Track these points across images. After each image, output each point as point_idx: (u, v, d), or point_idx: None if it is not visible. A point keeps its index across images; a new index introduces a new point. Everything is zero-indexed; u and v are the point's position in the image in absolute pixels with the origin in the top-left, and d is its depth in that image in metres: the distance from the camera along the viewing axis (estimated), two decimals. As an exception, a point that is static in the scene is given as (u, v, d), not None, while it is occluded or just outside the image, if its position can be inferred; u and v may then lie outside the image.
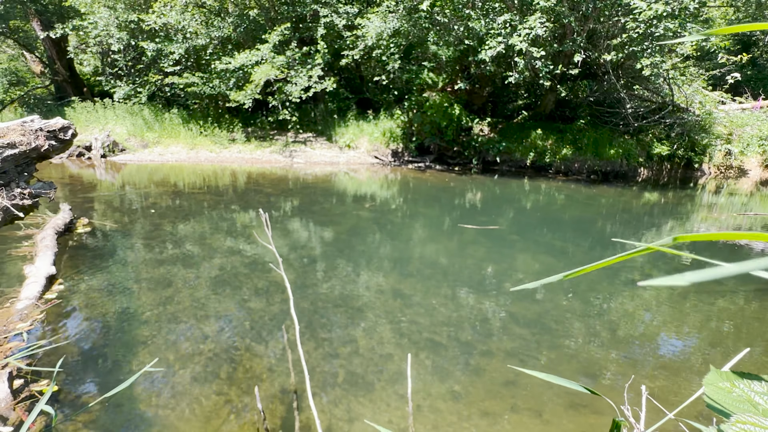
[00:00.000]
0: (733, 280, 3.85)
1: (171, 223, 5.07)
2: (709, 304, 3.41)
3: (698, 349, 2.77)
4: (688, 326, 3.05)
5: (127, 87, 11.46)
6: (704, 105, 10.23)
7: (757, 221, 6.05)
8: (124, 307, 3.06)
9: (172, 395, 2.19)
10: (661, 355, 2.68)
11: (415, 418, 2.11)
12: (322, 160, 10.45)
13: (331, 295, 3.34)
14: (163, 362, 2.45)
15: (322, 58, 10.27)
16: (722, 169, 10.08)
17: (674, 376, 2.45)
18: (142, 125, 10.98)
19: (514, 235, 5.15)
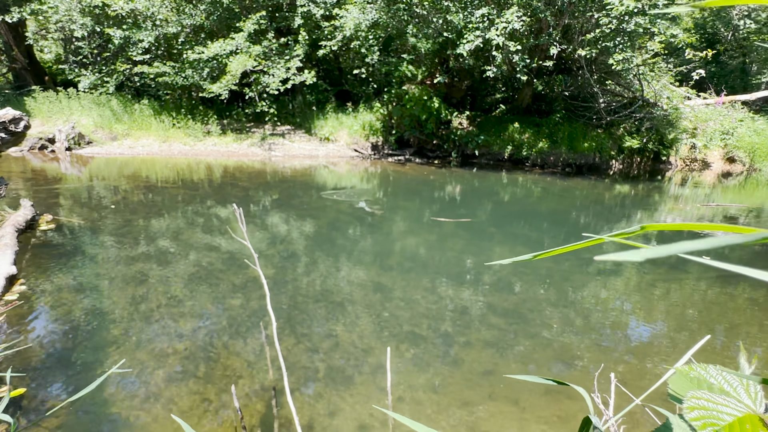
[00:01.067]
0: (696, 269, 4.04)
1: (143, 219, 4.89)
2: (674, 291, 3.57)
3: (664, 335, 2.90)
4: (654, 313, 3.20)
5: (93, 76, 10.91)
6: (671, 100, 10.64)
7: (719, 212, 6.38)
8: (93, 307, 2.94)
9: (146, 396, 2.13)
10: (630, 341, 2.80)
11: (395, 409, 2.13)
12: (300, 153, 10.29)
13: (311, 289, 3.32)
14: (135, 363, 2.37)
15: (301, 48, 10.06)
16: (688, 161, 10.54)
17: (641, 361, 2.56)
18: (110, 116, 10.50)
19: (493, 227, 5.24)
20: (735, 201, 7.14)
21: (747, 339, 2.89)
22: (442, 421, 2.06)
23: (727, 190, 8.44)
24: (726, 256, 4.51)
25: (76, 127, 9.84)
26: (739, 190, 8.50)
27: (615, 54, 7.91)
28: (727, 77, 14.61)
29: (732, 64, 14.78)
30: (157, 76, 10.18)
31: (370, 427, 2.01)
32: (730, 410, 0.38)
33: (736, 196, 7.80)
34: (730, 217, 6.11)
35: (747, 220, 5.99)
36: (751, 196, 7.93)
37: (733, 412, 0.37)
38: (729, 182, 9.21)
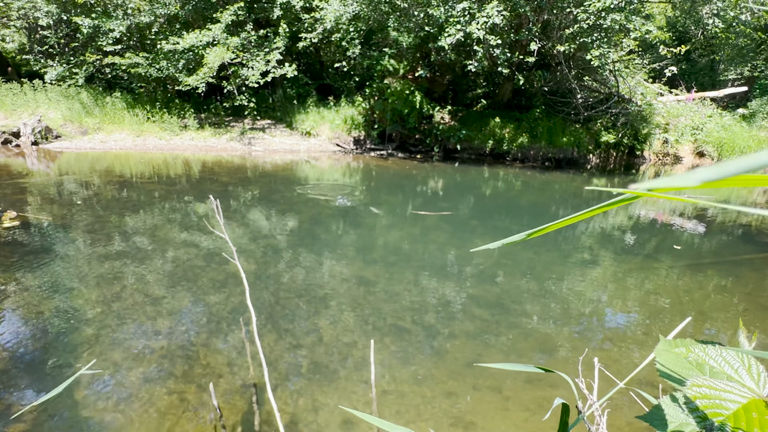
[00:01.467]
0: (668, 258, 4.18)
1: (117, 216, 4.71)
2: (648, 280, 3.69)
3: (640, 322, 2.99)
4: (630, 302, 3.29)
5: (61, 67, 10.40)
6: (645, 96, 10.95)
7: (689, 205, 6.62)
8: (63, 307, 2.81)
9: (120, 398, 2.05)
10: (609, 329, 2.87)
11: (380, 402, 2.12)
12: (281, 147, 10.12)
13: (293, 285, 3.26)
14: (109, 363, 2.28)
15: (281, 41, 9.85)
16: (660, 156, 10.90)
17: (621, 348, 2.63)
18: (80, 110, 10.04)
19: (475, 220, 5.28)
20: (704, 194, 7.43)
21: (718, 322, 3.01)
22: (426, 412, 2.06)
23: (697, 183, 8.76)
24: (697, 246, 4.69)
25: (43, 121, 9.38)
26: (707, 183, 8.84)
27: (592, 50, 8.07)
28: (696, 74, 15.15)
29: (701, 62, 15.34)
30: (130, 68, 9.79)
31: (354, 421, 1.99)
32: (733, 396, 0.37)
33: (705, 190, 8.11)
34: (701, 207, 6.36)
35: (714, 212, 6.25)
36: (718, 190, 8.27)
37: (738, 399, 0.36)
38: (699, 175, 9.57)
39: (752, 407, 0.36)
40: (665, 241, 4.73)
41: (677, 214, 5.98)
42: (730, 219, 5.82)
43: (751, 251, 4.52)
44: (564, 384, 2.26)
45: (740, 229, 5.38)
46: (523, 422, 2.01)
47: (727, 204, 5.68)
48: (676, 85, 13.45)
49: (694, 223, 5.49)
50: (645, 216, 5.89)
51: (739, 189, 8.29)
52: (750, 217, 6.01)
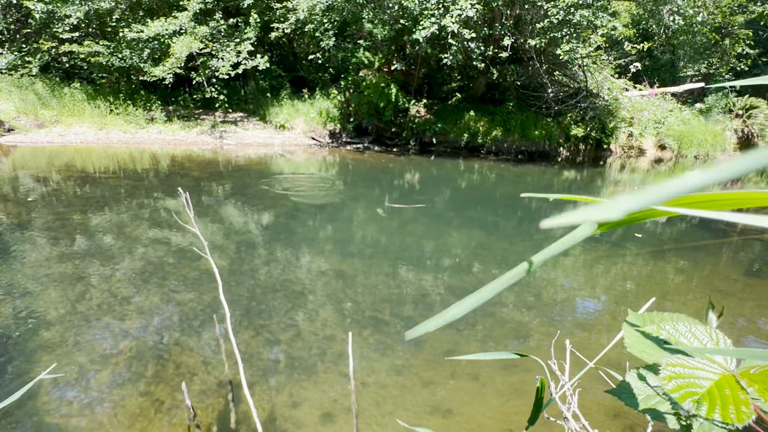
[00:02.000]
0: (633, 246, 4.38)
1: (80, 213, 4.47)
2: (614, 267, 3.86)
3: (608, 307, 3.13)
4: (599, 288, 3.43)
5: (11, 55, 9.71)
6: (612, 91, 11.37)
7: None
8: (21, 310, 2.65)
9: (87, 402, 1.96)
10: (579, 314, 2.99)
11: (360, 394, 2.12)
12: (255, 141, 9.87)
13: (270, 280, 3.21)
14: (74, 367, 2.17)
15: (252, 31, 9.55)
16: (626, 149, 11.37)
17: (590, 331, 2.74)
18: (35, 101, 9.42)
19: (451, 212, 5.35)
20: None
21: (678, 304, 3.19)
22: (406, 402, 2.08)
23: (659, 174, 9.22)
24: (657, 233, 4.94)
25: (-6, 113, 8.75)
26: (669, 174, 9.32)
27: (562, 45, 8.28)
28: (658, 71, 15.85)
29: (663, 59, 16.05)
30: (90, 57, 9.26)
31: (334, 414, 1.99)
32: (705, 374, 0.38)
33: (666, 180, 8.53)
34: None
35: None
36: (679, 180, 8.71)
37: (710, 376, 0.38)
38: (661, 167, 10.07)
39: (724, 383, 0.37)
40: (630, 229, 4.95)
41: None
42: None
43: (707, 237, 4.81)
44: (538, 368, 2.34)
45: (697, 217, 5.70)
46: (499, 407, 2.07)
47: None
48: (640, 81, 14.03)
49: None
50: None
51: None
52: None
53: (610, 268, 3.82)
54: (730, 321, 2.98)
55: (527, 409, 2.05)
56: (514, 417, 2.01)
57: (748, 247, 4.55)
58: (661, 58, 15.97)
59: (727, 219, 0.19)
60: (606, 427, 1.95)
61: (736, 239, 4.77)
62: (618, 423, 1.99)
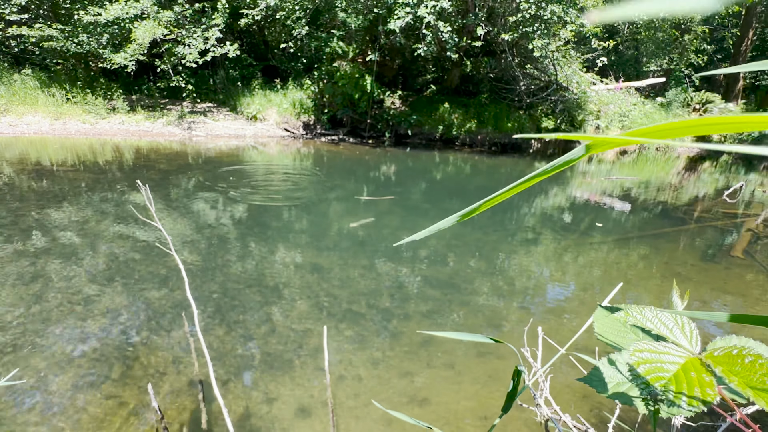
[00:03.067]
0: (599, 234, 4.56)
1: (36, 209, 4.19)
2: (582, 255, 4.00)
3: (577, 293, 3.24)
4: (568, 275, 3.56)
5: (-48, 37, 8.92)
6: (580, 85, 11.71)
7: (618, 184, 7.25)
8: (-31, 314, 2.46)
9: (46, 408, 1.85)
10: (550, 301, 3.09)
11: (337, 387, 2.11)
12: (225, 132, 9.55)
13: (243, 275, 3.13)
14: (31, 371, 2.05)
15: (220, 17, 9.17)
16: (593, 141, 11.79)
17: (561, 317, 2.84)
18: (-19, 88, 8.72)
19: (427, 204, 5.38)
20: (630, 175, 8.19)
21: (640, 288, 3.36)
22: (383, 393, 2.09)
23: (624, 166, 9.63)
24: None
25: (-67, 101, 8.04)
26: (632, 165, 9.75)
27: (534, 39, 8.42)
28: (623, 65, 16.45)
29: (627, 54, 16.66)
30: (42, 41, 8.63)
31: (311, 409, 1.97)
32: (672, 358, 0.39)
33: (630, 171, 8.94)
34: (627, 188, 6.99)
35: (639, 190, 6.91)
36: (641, 171, 9.15)
37: (676, 360, 0.39)
38: (625, 159, 10.51)
39: (690, 367, 0.38)
40: (596, 219, 5.15)
41: (607, 194, 6.52)
42: (651, 197, 6.46)
43: (667, 225, 5.07)
44: (511, 356, 2.40)
45: (659, 206, 5.99)
46: (473, 394, 2.11)
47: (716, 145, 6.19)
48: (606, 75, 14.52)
49: (621, 203, 6.02)
50: (580, 197, 6.37)
51: (657, 170, 9.24)
52: (666, 195, 6.71)
53: (577, 256, 3.96)
54: (687, 304, 3.15)
55: (502, 395, 2.10)
56: (489, 403, 2.05)
57: (703, 233, 4.83)
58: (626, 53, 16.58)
59: (716, 149, 0.20)
60: (576, 409, 2.03)
61: (694, 227, 5.05)
62: (586, 404, 2.07)
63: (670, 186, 7.55)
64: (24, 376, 2.02)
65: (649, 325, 0.44)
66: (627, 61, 16.58)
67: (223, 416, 1.85)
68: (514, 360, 2.36)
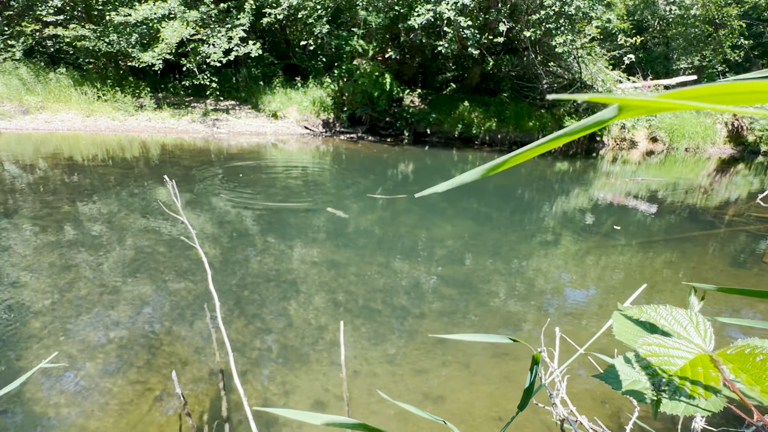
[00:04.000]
0: (623, 238, 4.44)
1: (68, 202, 4.39)
2: (604, 258, 3.90)
3: (598, 297, 3.17)
4: (587, 279, 3.48)
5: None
6: (605, 83, 11.38)
7: (644, 186, 7.02)
8: (8, 299, 2.61)
9: (78, 391, 1.95)
10: (569, 304, 3.03)
11: (352, 383, 2.14)
12: (247, 130, 9.75)
13: (262, 270, 3.20)
14: (64, 356, 2.16)
15: (245, 17, 9.34)
16: (618, 141, 11.44)
17: (579, 320, 2.78)
18: (20, 87, 9.17)
19: (444, 203, 5.36)
20: (657, 176, 7.91)
21: (666, 294, 3.25)
22: (397, 390, 2.10)
23: (651, 167, 9.31)
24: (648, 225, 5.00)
25: (-24, 98, 8.51)
26: (659, 166, 9.41)
27: (557, 36, 8.24)
28: (652, 63, 15.87)
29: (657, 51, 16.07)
30: (75, 41, 9.01)
31: (326, 402, 2.00)
32: (681, 353, 0.39)
33: (657, 172, 8.64)
34: (653, 190, 6.77)
35: (666, 192, 6.67)
36: (669, 172, 8.83)
37: (684, 355, 0.39)
38: (652, 160, 10.16)
39: (698, 362, 0.38)
40: (619, 221, 5.01)
41: (631, 196, 6.33)
42: (678, 200, 6.24)
43: (696, 229, 4.88)
44: (528, 358, 2.37)
45: (687, 209, 5.78)
46: (488, 395, 2.10)
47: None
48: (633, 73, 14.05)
49: (647, 205, 5.83)
50: (603, 198, 6.20)
51: (686, 172, 8.89)
52: (695, 197, 6.46)
53: (599, 259, 3.87)
54: (714, 311, 3.04)
55: (517, 396, 2.08)
56: (504, 403, 2.04)
57: (735, 238, 4.63)
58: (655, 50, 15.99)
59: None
60: (594, 413, 1.99)
61: (724, 231, 4.85)
62: (605, 409, 2.03)
63: (699, 188, 7.27)
64: (58, 359, 2.13)
65: (662, 321, 0.44)
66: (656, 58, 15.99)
67: (242, 406, 1.91)
68: (530, 362, 2.33)
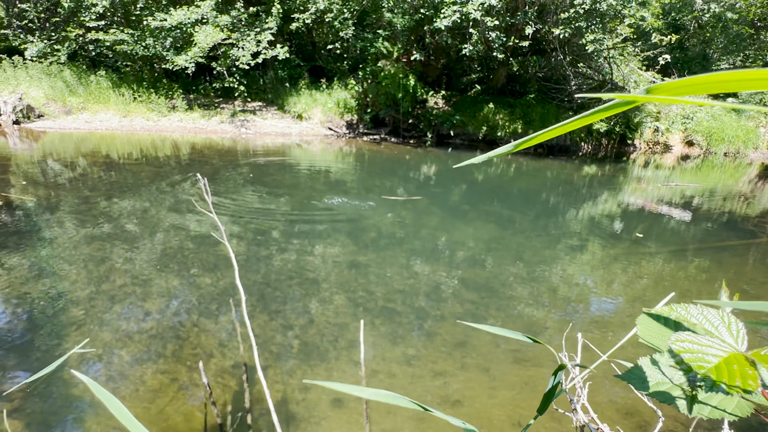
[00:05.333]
0: (654, 245, 4.26)
1: (104, 197, 4.63)
2: (633, 265, 3.76)
3: (624, 305, 3.06)
4: (614, 286, 3.36)
5: (41, 43, 10.02)
6: (638, 85, 10.97)
7: (678, 191, 6.73)
8: (50, 288, 2.78)
9: (110, 377, 2.05)
10: (594, 312, 2.94)
11: (370, 382, 2.15)
12: (273, 131, 9.97)
13: (285, 267, 3.26)
14: (99, 344, 2.27)
15: (273, 21, 9.58)
16: (651, 144, 11.00)
17: (603, 329, 2.70)
18: (63, 88, 9.73)
19: (466, 205, 5.31)
20: (692, 182, 7.55)
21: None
22: (415, 391, 2.10)
23: (686, 171, 8.89)
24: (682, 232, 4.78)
25: (24, 99, 9.09)
26: (695, 171, 8.98)
27: (587, 35, 8.01)
28: (689, 63, 15.18)
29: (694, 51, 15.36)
30: (115, 45, 9.48)
31: (345, 400, 2.02)
32: (714, 351, 0.38)
33: (693, 178, 8.25)
34: (688, 196, 6.47)
35: (702, 198, 6.36)
36: (706, 178, 8.41)
37: (718, 353, 0.38)
38: (687, 164, 9.70)
39: (732, 360, 0.37)
40: (649, 227, 4.82)
41: (664, 202, 6.07)
42: (715, 207, 5.93)
43: (734, 238, 4.63)
44: (549, 364, 2.32)
45: (725, 216, 5.49)
46: (509, 400, 2.07)
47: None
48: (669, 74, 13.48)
49: (680, 211, 5.58)
50: (633, 203, 5.98)
51: (725, 178, 8.43)
52: (734, 205, 6.13)
53: (627, 266, 3.73)
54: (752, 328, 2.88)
55: (537, 403, 2.04)
56: (523, 410, 2.00)
57: (777, 248, 4.37)
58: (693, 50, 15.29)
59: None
60: (617, 424, 1.92)
61: (766, 240, 4.58)
62: (630, 421, 1.96)
63: (739, 195, 6.89)
64: (92, 347, 2.25)
65: (693, 320, 0.42)
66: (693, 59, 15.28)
67: (264, 398, 1.96)
68: (551, 368, 2.27)
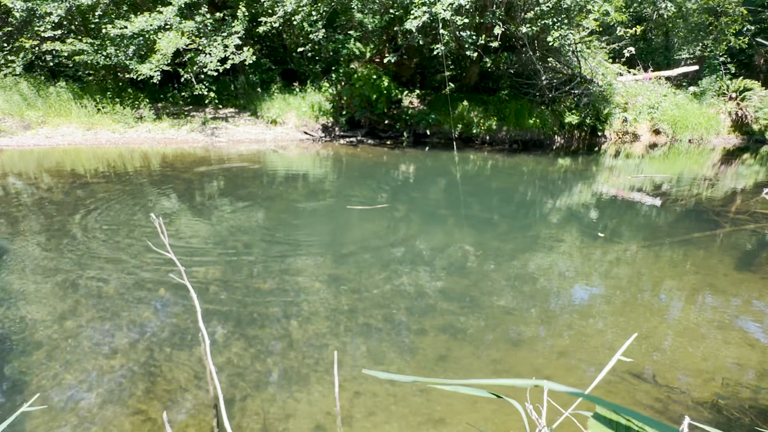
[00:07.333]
0: (623, 242, 4.38)
1: (70, 220, 4.42)
2: (605, 265, 3.86)
3: (600, 313, 3.14)
4: (593, 290, 3.44)
5: (-7, 55, 9.47)
6: (606, 76, 11.25)
7: (647, 181, 6.95)
8: (6, 328, 2.63)
9: (78, 422, 1.95)
10: (572, 319, 3.00)
11: (352, 404, 2.13)
12: (246, 137, 9.75)
13: (262, 287, 3.19)
14: (64, 385, 2.16)
15: (240, 25, 9.34)
16: (620, 134, 11.32)
17: (586, 338, 2.75)
18: (20, 102, 9.23)
19: (444, 210, 5.33)
20: (660, 171, 7.82)
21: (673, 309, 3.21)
22: (398, 411, 2.09)
23: (654, 160, 9.21)
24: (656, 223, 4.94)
25: (-22, 116, 8.57)
26: (663, 159, 9.31)
27: (553, 31, 8.15)
28: (652, 54, 15.67)
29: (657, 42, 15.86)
30: (73, 55, 9.05)
31: (327, 426, 1.99)
32: None
33: (661, 166, 8.55)
34: (657, 183, 6.69)
35: (670, 186, 6.60)
36: (672, 165, 8.73)
37: None
38: (655, 152, 10.05)
39: None
40: (619, 222, 4.96)
41: (635, 191, 6.26)
42: (682, 195, 6.16)
43: (698, 229, 4.82)
44: (528, 375, 2.35)
45: (690, 205, 5.70)
46: (491, 414, 2.08)
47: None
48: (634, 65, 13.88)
49: (651, 199, 5.77)
50: (606, 195, 6.14)
51: (690, 164, 8.78)
52: (699, 191, 6.38)
53: (599, 266, 3.82)
54: (718, 319, 3.00)
55: (517, 419, 2.06)
56: (507, 425, 2.02)
57: (739, 239, 4.57)
58: (655, 40, 15.80)
59: None
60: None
61: (728, 230, 4.78)
62: None
63: (704, 180, 7.18)
64: (57, 388, 2.14)
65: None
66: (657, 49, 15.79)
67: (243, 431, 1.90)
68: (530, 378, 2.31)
